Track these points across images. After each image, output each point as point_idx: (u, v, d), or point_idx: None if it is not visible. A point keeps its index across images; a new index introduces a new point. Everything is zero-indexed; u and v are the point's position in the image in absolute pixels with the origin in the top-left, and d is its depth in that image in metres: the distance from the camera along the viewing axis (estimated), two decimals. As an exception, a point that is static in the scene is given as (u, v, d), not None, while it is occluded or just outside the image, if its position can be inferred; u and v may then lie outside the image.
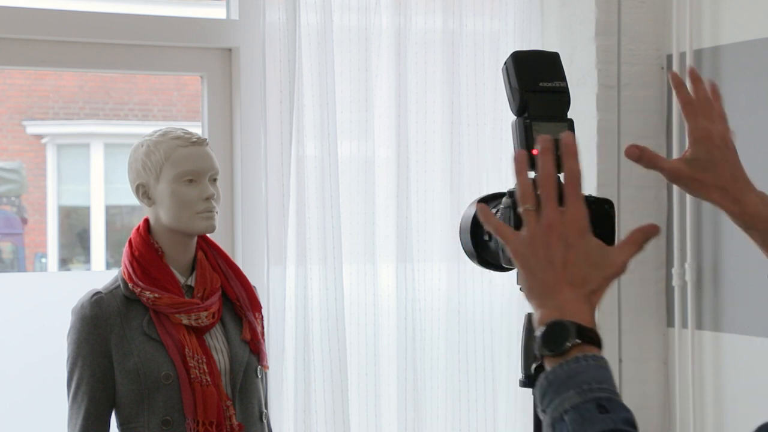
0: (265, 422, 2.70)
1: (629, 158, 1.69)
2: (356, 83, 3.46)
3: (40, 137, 9.90)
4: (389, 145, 3.52)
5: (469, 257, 1.63)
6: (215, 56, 3.50)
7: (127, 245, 2.65)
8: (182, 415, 2.53)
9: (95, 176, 9.65)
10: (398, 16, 3.50)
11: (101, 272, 8.07)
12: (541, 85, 1.55)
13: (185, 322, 2.57)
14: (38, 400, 3.44)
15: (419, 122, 3.55)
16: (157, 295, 2.56)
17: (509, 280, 3.32)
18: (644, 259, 3.69)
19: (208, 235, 2.69)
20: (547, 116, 1.54)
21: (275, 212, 3.37)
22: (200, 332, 2.59)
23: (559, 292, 1.32)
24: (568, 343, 1.29)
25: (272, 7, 3.35)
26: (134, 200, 2.66)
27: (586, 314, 1.31)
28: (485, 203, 1.61)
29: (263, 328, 2.74)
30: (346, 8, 3.46)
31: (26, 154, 9.87)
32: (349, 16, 3.46)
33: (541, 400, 1.31)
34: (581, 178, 1.34)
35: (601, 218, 1.45)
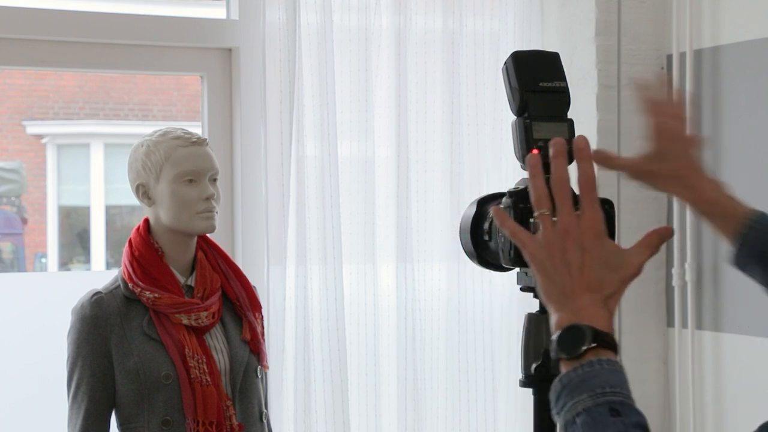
0: (265, 422, 2.70)
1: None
2: (356, 83, 3.46)
3: (40, 137, 9.90)
4: (389, 145, 3.52)
5: (469, 257, 1.63)
6: (215, 56, 3.50)
7: (127, 245, 2.65)
8: (182, 415, 2.53)
9: (95, 176, 9.64)
10: (398, 16, 3.50)
11: (101, 272, 8.06)
12: (541, 85, 1.55)
13: (185, 322, 2.57)
14: (38, 400, 3.44)
15: (419, 122, 3.55)
16: (157, 295, 2.56)
17: (509, 280, 3.32)
18: (644, 259, 3.69)
19: (208, 235, 2.69)
20: (547, 116, 1.54)
21: (275, 212, 3.36)
22: (200, 332, 2.59)
23: (576, 296, 1.33)
24: (583, 346, 1.29)
25: (272, 7, 3.35)
26: (134, 200, 2.66)
27: (603, 319, 1.32)
28: (485, 203, 1.61)
29: (263, 328, 2.74)
30: (346, 8, 3.46)
31: (26, 154, 9.87)
32: (349, 16, 3.46)
33: (555, 403, 1.31)
34: (596, 181, 1.34)
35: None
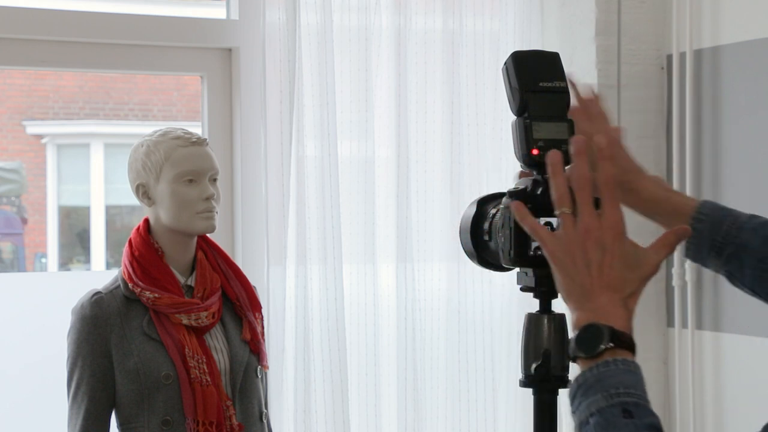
0: (265, 422, 2.70)
1: None
2: (356, 83, 3.46)
3: (40, 137, 9.90)
4: (389, 145, 3.52)
5: (469, 257, 1.63)
6: (215, 56, 3.50)
7: (127, 245, 2.65)
8: (182, 415, 2.53)
9: (95, 176, 9.65)
10: (398, 16, 3.50)
11: (101, 272, 8.06)
12: (541, 85, 1.55)
13: (185, 322, 2.57)
14: (38, 400, 3.44)
15: (419, 122, 3.55)
16: (157, 295, 2.56)
17: (509, 280, 3.32)
18: (644, 259, 3.69)
19: (208, 235, 2.69)
20: (547, 116, 1.54)
21: (275, 212, 3.36)
22: (200, 332, 2.59)
23: (596, 295, 1.33)
24: (601, 346, 1.30)
25: (272, 7, 3.35)
26: (134, 200, 2.66)
27: (622, 318, 1.33)
28: (485, 203, 1.61)
29: (263, 328, 2.74)
30: (346, 8, 3.46)
31: (26, 154, 9.87)
32: (349, 16, 3.46)
33: (571, 402, 1.32)
34: (616, 181, 1.35)
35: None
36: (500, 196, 1.58)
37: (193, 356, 2.54)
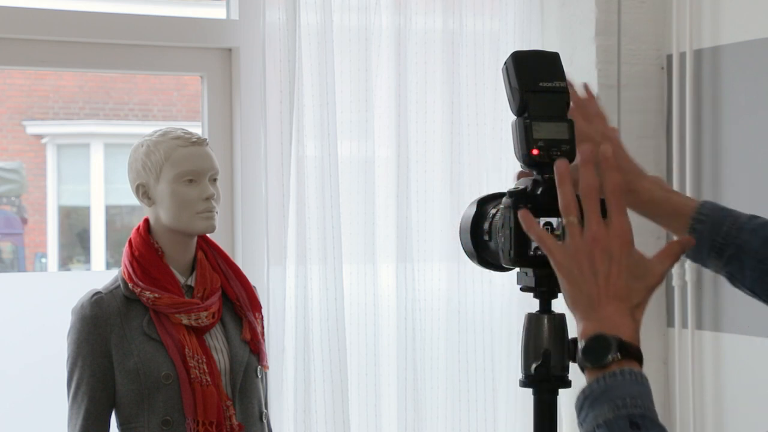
0: (265, 422, 2.70)
1: None
2: (356, 83, 3.46)
3: (40, 137, 9.90)
4: (389, 145, 3.52)
5: (469, 257, 1.63)
6: (215, 56, 3.50)
7: (127, 245, 2.65)
8: (182, 415, 2.53)
9: (95, 176, 9.64)
10: (398, 16, 3.50)
11: (101, 272, 8.06)
12: (541, 85, 1.55)
13: (185, 322, 2.57)
14: (38, 400, 3.44)
15: (419, 122, 3.55)
16: (157, 295, 2.56)
17: (509, 280, 3.32)
18: (644, 259, 3.69)
19: (208, 235, 2.69)
20: (547, 116, 1.54)
21: (275, 212, 3.36)
22: (200, 332, 2.59)
23: (603, 305, 1.32)
24: (608, 357, 1.29)
25: (272, 7, 3.35)
26: (134, 200, 2.66)
27: (629, 329, 1.31)
28: (485, 203, 1.61)
29: (263, 328, 2.74)
30: (346, 8, 3.46)
31: (26, 154, 9.87)
32: (349, 16, 3.46)
33: (577, 413, 1.31)
34: (623, 189, 1.35)
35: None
36: (500, 196, 1.57)
37: (193, 356, 2.54)
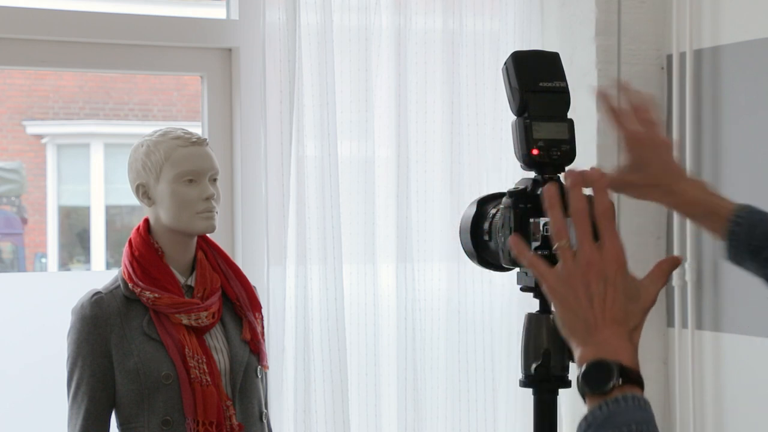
0: (265, 422, 2.70)
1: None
2: (356, 83, 3.46)
3: (40, 137, 9.90)
4: (389, 145, 3.52)
5: (469, 257, 1.63)
6: (215, 56, 3.50)
7: (127, 245, 2.65)
8: (182, 415, 2.53)
9: (95, 176, 9.64)
10: (398, 16, 3.50)
11: (101, 272, 8.06)
12: (541, 85, 1.55)
13: (185, 322, 2.57)
14: (38, 400, 3.44)
15: (419, 122, 3.55)
16: (157, 295, 2.56)
17: (509, 280, 3.32)
18: (644, 259, 3.69)
19: (208, 235, 2.69)
20: (547, 116, 1.54)
21: (275, 212, 3.36)
22: (200, 332, 2.59)
23: (600, 330, 1.31)
24: (610, 383, 1.27)
25: (272, 7, 3.35)
26: (134, 200, 2.66)
27: (629, 353, 1.30)
28: (485, 203, 1.61)
29: (263, 328, 2.74)
30: (346, 8, 3.46)
31: (26, 154, 9.87)
32: (349, 16, 3.46)
33: None
34: (614, 212, 1.33)
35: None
36: (500, 196, 1.58)
37: (193, 356, 2.54)
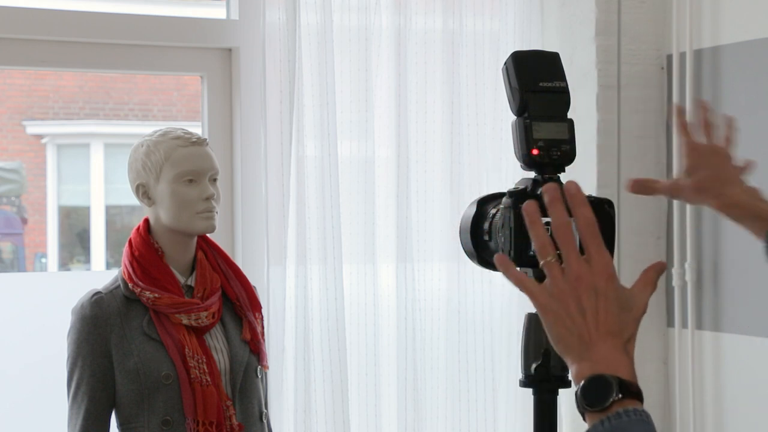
0: (265, 422, 2.70)
1: (633, 192, 1.91)
2: (356, 83, 3.46)
3: (40, 137, 9.90)
4: (389, 145, 3.52)
5: (469, 257, 1.63)
6: (215, 56, 3.50)
7: (127, 245, 2.65)
8: (182, 415, 2.53)
9: (95, 176, 9.64)
10: (398, 16, 3.50)
11: (101, 272, 8.06)
12: (541, 85, 1.56)
13: (185, 322, 2.57)
14: (38, 400, 3.44)
15: (419, 122, 3.55)
16: (157, 295, 2.56)
17: (509, 280, 3.32)
18: (644, 258, 3.69)
19: (208, 235, 2.69)
20: (547, 116, 1.54)
21: (275, 212, 3.37)
22: (200, 332, 2.59)
23: (595, 344, 1.29)
24: (610, 398, 1.26)
25: (272, 7, 3.35)
26: (134, 200, 2.66)
27: (626, 366, 1.29)
28: (485, 203, 1.61)
29: (263, 328, 2.74)
30: (346, 8, 3.46)
31: (26, 154, 9.87)
32: (349, 16, 3.46)
33: None
34: (597, 224, 1.31)
35: (601, 218, 1.45)
36: (500, 196, 1.58)
37: (193, 356, 2.54)
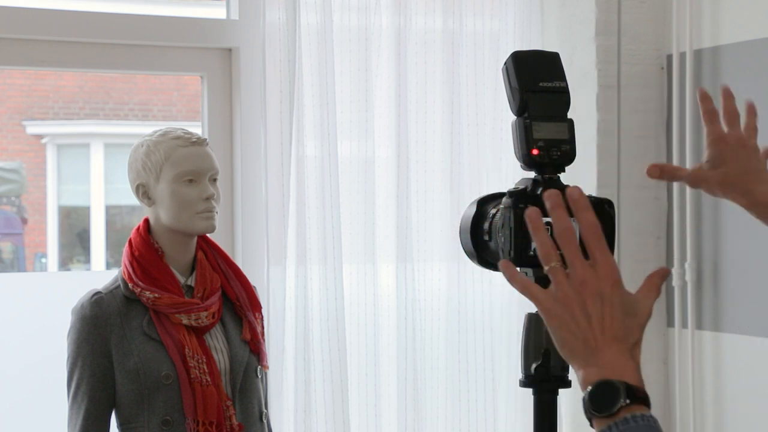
0: (265, 422, 2.70)
1: (651, 177, 1.78)
2: (356, 83, 3.46)
3: (40, 137, 9.89)
4: (389, 145, 3.52)
5: (469, 257, 1.63)
6: (215, 56, 3.50)
7: (127, 245, 2.65)
8: (182, 415, 2.53)
9: (95, 176, 9.64)
10: (398, 16, 3.50)
11: (101, 272, 8.06)
12: (541, 85, 1.56)
13: (185, 322, 2.57)
14: (38, 400, 3.44)
15: (419, 122, 3.55)
16: (157, 295, 2.56)
17: (509, 280, 3.32)
18: (644, 258, 3.69)
19: (208, 235, 2.69)
20: (547, 116, 1.55)
21: (275, 212, 3.37)
22: (200, 332, 2.59)
23: (602, 349, 1.29)
24: (618, 404, 1.25)
25: (272, 7, 3.35)
26: (134, 200, 2.66)
27: (632, 371, 1.28)
28: (485, 203, 1.61)
29: (263, 328, 2.74)
30: (346, 8, 3.46)
31: (26, 154, 9.86)
32: (349, 16, 3.46)
33: None
34: (600, 228, 1.30)
35: (601, 218, 1.45)
36: (500, 196, 1.58)
37: (193, 356, 2.54)
